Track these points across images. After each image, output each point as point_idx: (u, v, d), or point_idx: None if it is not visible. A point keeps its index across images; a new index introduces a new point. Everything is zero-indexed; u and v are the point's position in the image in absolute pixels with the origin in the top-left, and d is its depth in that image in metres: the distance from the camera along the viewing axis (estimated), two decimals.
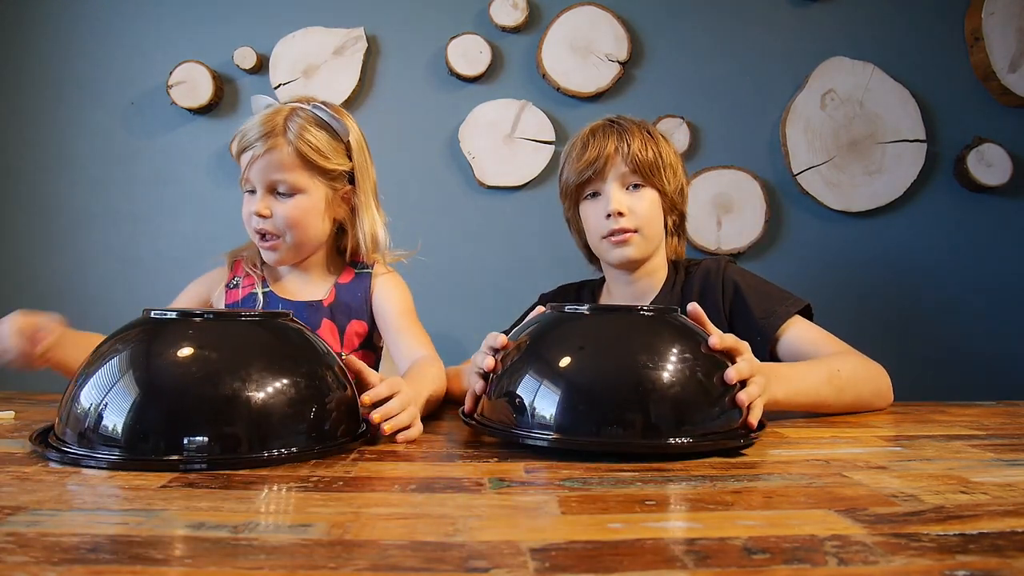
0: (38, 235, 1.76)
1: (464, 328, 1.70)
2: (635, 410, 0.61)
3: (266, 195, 0.99)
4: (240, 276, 1.08)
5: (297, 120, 0.99)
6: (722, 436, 0.63)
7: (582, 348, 0.67)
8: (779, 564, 0.36)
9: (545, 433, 0.62)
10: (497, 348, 0.72)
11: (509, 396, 0.66)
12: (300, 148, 0.98)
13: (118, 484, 0.50)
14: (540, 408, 0.63)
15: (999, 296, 1.75)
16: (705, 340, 0.68)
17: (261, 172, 0.98)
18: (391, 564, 0.36)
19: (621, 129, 1.05)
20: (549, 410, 0.62)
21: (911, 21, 1.77)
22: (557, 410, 0.62)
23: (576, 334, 0.68)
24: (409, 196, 1.76)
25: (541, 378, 0.64)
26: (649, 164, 1.03)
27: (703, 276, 1.07)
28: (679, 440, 0.61)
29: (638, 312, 0.71)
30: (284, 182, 0.98)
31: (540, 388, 0.64)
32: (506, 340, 0.72)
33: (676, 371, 0.63)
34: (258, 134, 0.97)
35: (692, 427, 0.62)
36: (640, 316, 0.70)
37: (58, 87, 1.77)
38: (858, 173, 1.75)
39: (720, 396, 0.64)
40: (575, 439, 0.61)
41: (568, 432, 0.61)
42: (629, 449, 0.60)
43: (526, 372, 0.66)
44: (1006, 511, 0.45)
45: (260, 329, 0.64)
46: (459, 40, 1.74)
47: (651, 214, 1.05)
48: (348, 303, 1.06)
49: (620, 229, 1.03)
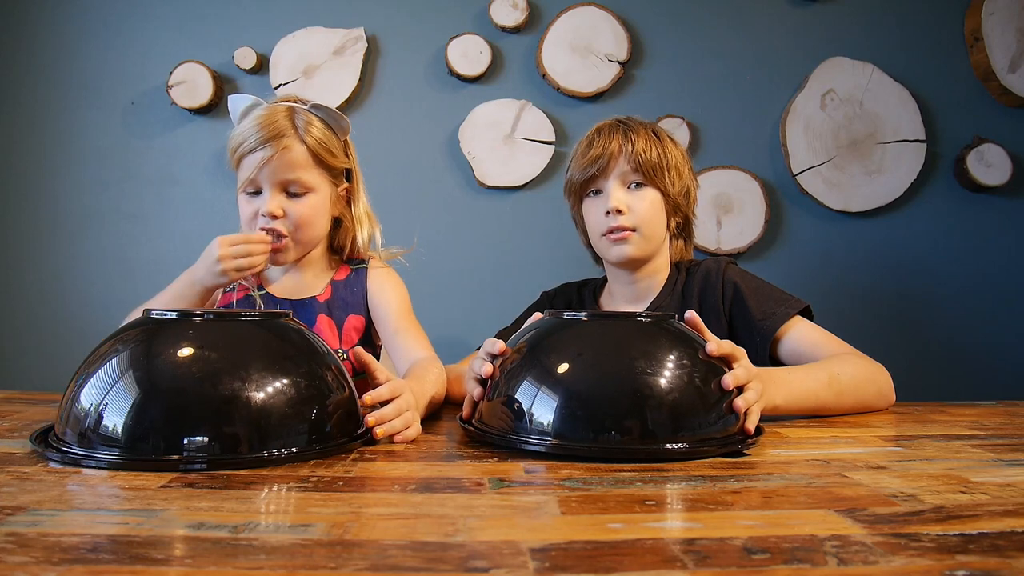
0: (38, 235, 1.76)
1: (464, 328, 1.70)
2: (633, 416, 0.61)
3: (277, 195, 0.98)
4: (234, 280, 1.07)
5: (302, 118, 0.99)
6: (720, 442, 0.63)
7: (580, 354, 0.67)
8: (779, 564, 0.36)
9: (543, 439, 0.62)
10: (495, 354, 0.72)
11: (507, 402, 0.66)
12: (312, 146, 0.99)
13: (118, 484, 0.50)
14: (538, 414, 0.63)
15: (999, 296, 1.75)
16: (702, 346, 0.68)
17: (274, 173, 0.97)
18: (391, 564, 0.36)
19: (627, 128, 1.06)
20: (547, 416, 0.62)
21: (911, 21, 1.77)
22: (555, 416, 0.62)
23: (574, 340, 0.68)
24: (409, 196, 1.76)
25: (539, 384, 0.64)
26: (652, 164, 1.03)
27: (703, 277, 1.07)
28: (677, 446, 0.61)
29: (635, 318, 0.71)
30: (297, 181, 0.98)
31: (538, 394, 0.64)
32: (504, 346, 0.72)
33: (673, 377, 0.63)
34: (267, 135, 0.95)
35: (690, 433, 0.62)
36: (637, 322, 0.70)
37: (58, 87, 1.77)
38: (858, 173, 1.75)
39: (717, 402, 0.64)
40: (573, 444, 0.61)
41: (566, 438, 0.61)
42: (627, 456, 0.60)
43: (524, 378, 0.66)
44: (1006, 511, 0.45)
45: (260, 329, 0.64)
46: (459, 40, 1.74)
47: (651, 214, 1.05)
48: (345, 299, 1.06)
49: (619, 227, 1.03)
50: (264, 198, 0.98)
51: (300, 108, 1.00)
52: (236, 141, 0.98)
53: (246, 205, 1.00)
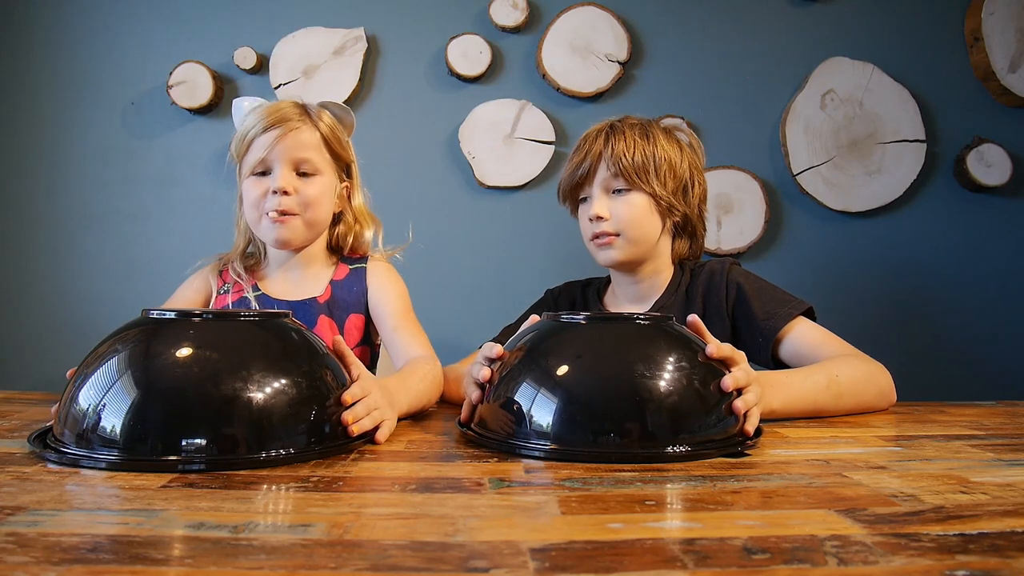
0: (38, 235, 1.76)
1: (463, 328, 1.70)
2: (632, 418, 0.61)
3: (288, 172, 0.99)
4: (229, 283, 1.07)
5: (313, 108, 1.04)
6: (719, 444, 0.63)
7: (579, 357, 0.66)
8: (779, 564, 0.36)
9: (542, 443, 0.62)
10: (493, 358, 0.72)
11: (506, 404, 0.66)
12: (323, 132, 1.02)
13: (118, 484, 0.50)
14: (537, 417, 0.63)
15: (999, 296, 1.75)
16: (702, 348, 0.68)
17: (287, 150, 0.98)
18: (391, 564, 0.36)
19: (612, 132, 1.06)
20: (546, 419, 0.62)
21: (911, 21, 1.77)
22: (554, 419, 0.62)
23: (573, 343, 0.68)
24: (409, 196, 1.76)
25: (538, 387, 0.64)
26: (634, 168, 1.03)
27: (707, 277, 1.07)
28: (677, 449, 0.61)
29: (634, 320, 0.70)
30: (309, 161, 1.00)
31: (537, 397, 0.63)
32: (502, 350, 0.71)
33: (673, 379, 0.63)
34: (281, 115, 0.99)
35: (689, 435, 0.62)
36: (636, 325, 0.70)
37: (58, 87, 1.77)
38: (858, 173, 1.75)
39: (717, 404, 0.64)
40: (573, 449, 0.61)
41: (565, 441, 0.61)
42: (626, 459, 0.60)
43: (523, 382, 0.65)
44: (1006, 511, 0.45)
45: (259, 329, 0.64)
46: (459, 40, 1.74)
47: (634, 217, 1.04)
48: (345, 298, 1.06)
49: (602, 232, 1.05)
50: (275, 176, 0.99)
51: (309, 103, 1.04)
52: (247, 126, 1.00)
53: (253, 187, 1.00)
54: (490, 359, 0.72)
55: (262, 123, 0.98)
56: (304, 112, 1.02)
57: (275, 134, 0.97)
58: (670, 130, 1.10)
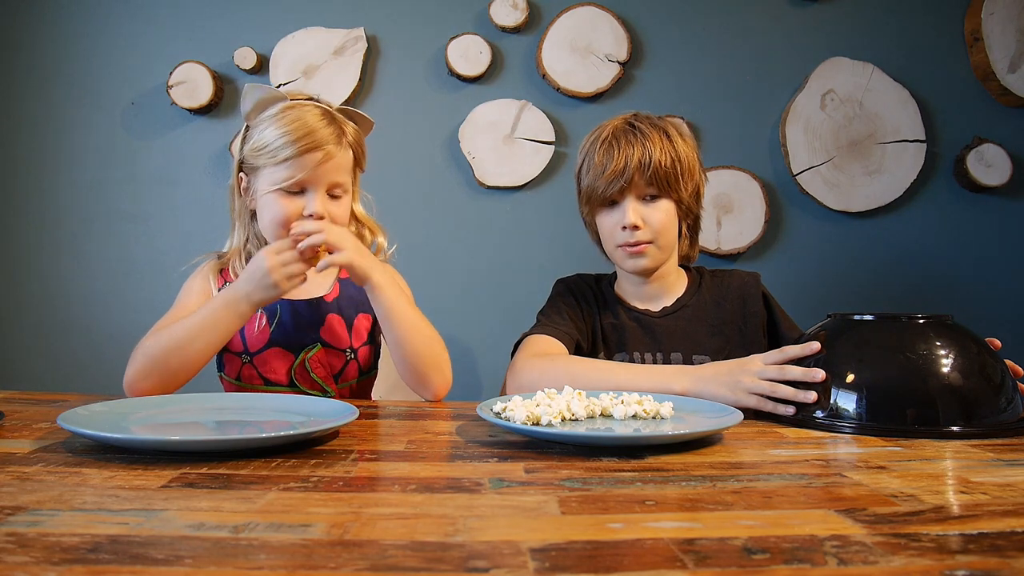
0: (38, 235, 1.76)
1: (464, 327, 1.70)
2: (929, 405, 0.74)
3: (324, 196, 0.97)
4: (230, 283, 1.06)
5: (339, 119, 1.00)
6: (1009, 427, 0.73)
7: (881, 350, 0.83)
8: (779, 564, 0.36)
9: (851, 423, 0.75)
10: (809, 355, 0.81)
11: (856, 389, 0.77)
12: (354, 151, 1.02)
13: (118, 484, 0.50)
14: (879, 403, 0.75)
15: (999, 296, 1.75)
16: (980, 341, 0.81)
17: (326, 175, 0.96)
18: (391, 564, 0.36)
19: (643, 136, 1.04)
20: (890, 406, 0.75)
21: (911, 21, 1.77)
22: (863, 404, 0.76)
23: (868, 340, 0.86)
24: (409, 196, 1.76)
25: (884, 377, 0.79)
26: (667, 175, 1.03)
27: (741, 286, 1.12)
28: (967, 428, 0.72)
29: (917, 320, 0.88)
30: (341, 184, 0.99)
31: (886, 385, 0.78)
32: (818, 346, 0.82)
33: (964, 369, 0.77)
34: (320, 140, 0.94)
35: (980, 420, 0.73)
36: (918, 323, 0.87)
37: (58, 87, 1.77)
38: (858, 173, 1.75)
39: (1002, 390, 0.76)
40: (884, 427, 0.73)
41: (879, 421, 0.74)
42: (932, 435, 0.71)
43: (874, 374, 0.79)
44: (1006, 511, 0.45)
45: None
46: (459, 40, 1.74)
47: (666, 224, 1.05)
48: (353, 296, 1.06)
49: (636, 241, 1.04)
50: (310, 198, 0.96)
51: (335, 112, 1.00)
52: (274, 135, 0.94)
53: (282, 203, 0.96)
54: (808, 356, 0.81)
55: (298, 145, 0.93)
56: (339, 133, 0.97)
57: (314, 158, 0.94)
58: (678, 128, 1.09)
